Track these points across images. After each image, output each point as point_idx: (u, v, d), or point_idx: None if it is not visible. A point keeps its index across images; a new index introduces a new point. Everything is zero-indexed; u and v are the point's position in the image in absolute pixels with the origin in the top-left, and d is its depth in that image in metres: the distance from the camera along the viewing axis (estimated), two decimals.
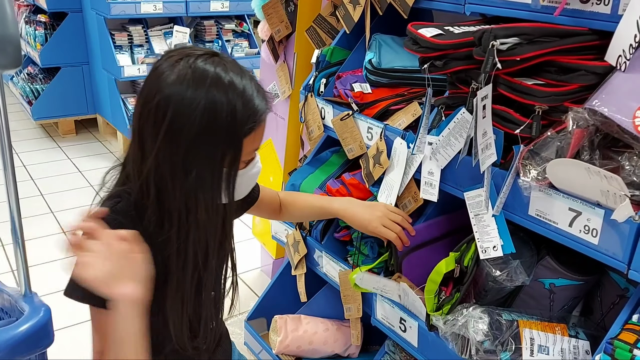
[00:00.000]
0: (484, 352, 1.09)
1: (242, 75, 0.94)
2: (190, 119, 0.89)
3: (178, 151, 0.91)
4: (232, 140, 0.92)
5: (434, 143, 1.24)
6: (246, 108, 0.92)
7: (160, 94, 0.90)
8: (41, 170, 3.85)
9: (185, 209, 0.94)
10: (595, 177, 0.90)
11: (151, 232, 0.96)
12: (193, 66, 0.91)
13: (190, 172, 0.92)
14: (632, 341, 0.88)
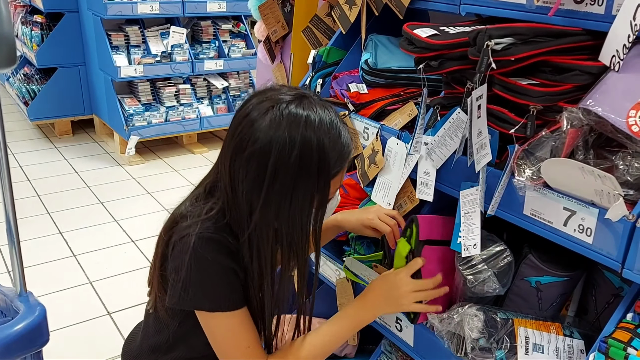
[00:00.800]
0: (479, 350, 1.09)
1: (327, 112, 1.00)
2: (285, 161, 0.95)
3: (275, 196, 0.97)
4: (320, 180, 0.98)
5: (429, 143, 1.25)
6: (334, 148, 0.98)
7: (257, 143, 0.96)
8: (37, 171, 3.85)
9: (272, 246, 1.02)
10: (589, 177, 0.91)
11: None
12: (285, 112, 0.97)
13: (283, 215, 0.98)
14: (626, 339, 0.88)
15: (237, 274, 1.04)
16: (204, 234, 1.01)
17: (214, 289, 1.03)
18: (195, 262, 1.01)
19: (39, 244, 2.86)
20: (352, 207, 1.55)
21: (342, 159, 1.01)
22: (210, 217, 1.04)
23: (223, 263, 1.02)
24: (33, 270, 2.59)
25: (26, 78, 4.55)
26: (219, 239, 1.02)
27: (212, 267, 1.01)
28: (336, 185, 1.04)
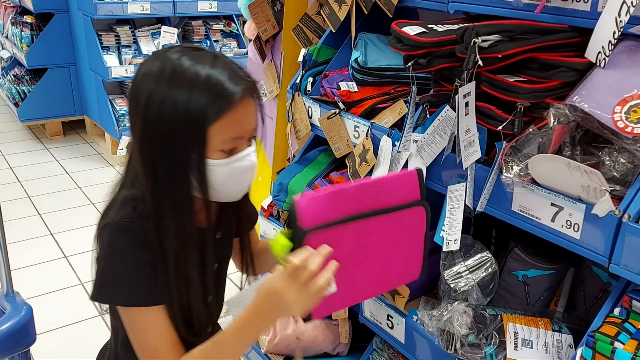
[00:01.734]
0: (469, 346, 1.09)
1: (214, 62, 0.93)
2: (151, 110, 0.91)
3: (145, 143, 0.93)
4: (192, 129, 0.91)
5: (419, 141, 1.25)
6: (210, 93, 0.91)
7: (133, 87, 0.95)
8: (28, 172, 3.82)
9: (160, 199, 0.95)
10: (576, 173, 0.92)
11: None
12: (161, 58, 0.94)
13: (155, 164, 0.93)
14: (612, 334, 0.89)
15: (154, 266, 0.97)
16: (118, 223, 0.96)
17: (128, 282, 0.97)
18: (110, 253, 0.97)
19: (30, 245, 2.84)
20: None
21: (220, 104, 0.92)
22: (128, 202, 0.99)
23: (137, 254, 0.96)
24: (24, 272, 2.57)
25: (16, 79, 4.52)
26: (134, 227, 0.96)
27: (126, 259, 0.96)
28: (229, 131, 0.93)
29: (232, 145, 0.95)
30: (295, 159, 1.85)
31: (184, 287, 1.01)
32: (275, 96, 2.13)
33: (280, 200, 1.74)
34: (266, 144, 2.30)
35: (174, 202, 0.96)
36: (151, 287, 0.98)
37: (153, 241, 0.97)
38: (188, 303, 1.03)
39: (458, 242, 1.15)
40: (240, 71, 0.96)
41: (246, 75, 0.97)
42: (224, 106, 0.92)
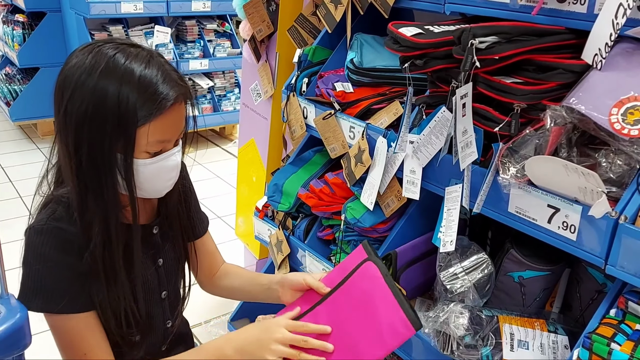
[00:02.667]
0: (465, 347, 1.09)
1: (149, 63, 0.92)
2: (79, 101, 0.89)
3: (71, 133, 0.91)
4: (121, 127, 0.90)
5: (415, 142, 1.25)
6: (141, 95, 0.90)
7: (61, 76, 0.92)
8: (20, 172, 3.79)
9: (85, 192, 0.94)
10: (573, 174, 0.92)
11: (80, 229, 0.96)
12: (95, 51, 0.92)
13: (82, 155, 0.91)
14: (609, 335, 0.89)
15: (74, 268, 0.95)
16: (35, 226, 0.96)
17: (46, 288, 0.95)
18: (29, 258, 0.96)
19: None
20: (338, 207, 1.55)
21: (151, 107, 0.91)
22: (48, 204, 0.99)
23: (56, 258, 0.94)
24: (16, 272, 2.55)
25: (8, 78, 4.49)
26: (52, 230, 0.94)
27: (45, 263, 0.95)
28: (156, 134, 0.93)
29: (159, 148, 0.96)
30: (290, 159, 1.85)
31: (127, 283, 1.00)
32: (269, 97, 2.13)
33: (275, 200, 1.73)
34: (260, 145, 2.29)
35: (99, 197, 0.95)
36: (72, 293, 0.96)
37: (77, 242, 0.95)
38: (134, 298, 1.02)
39: (454, 243, 1.15)
40: (174, 74, 0.95)
41: (179, 78, 0.96)
42: (155, 110, 0.91)
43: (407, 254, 1.41)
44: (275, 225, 1.78)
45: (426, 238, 1.44)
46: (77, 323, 0.98)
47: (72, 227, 0.96)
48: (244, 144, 2.42)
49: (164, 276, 1.13)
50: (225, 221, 3.18)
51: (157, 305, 1.12)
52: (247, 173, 2.46)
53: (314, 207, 1.60)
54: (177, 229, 1.15)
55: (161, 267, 1.12)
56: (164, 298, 1.14)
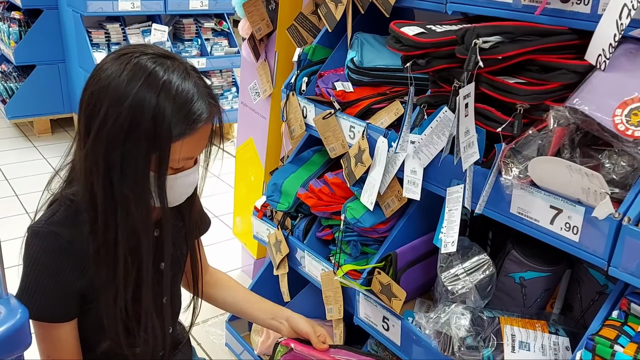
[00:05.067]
0: (467, 349, 1.09)
1: (186, 78, 0.91)
2: (116, 113, 0.88)
3: (103, 144, 0.90)
4: (157, 142, 0.89)
5: (416, 142, 1.25)
6: (178, 111, 0.89)
7: (96, 85, 0.90)
8: (16, 170, 3.77)
9: (112, 204, 0.93)
10: (576, 175, 0.91)
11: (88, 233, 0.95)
12: (133, 61, 0.90)
13: (114, 168, 0.91)
14: (612, 337, 0.89)
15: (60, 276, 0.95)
16: (33, 228, 0.95)
17: (36, 294, 0.95)
18: (25, 259, 0.96)
19: (19, 244, 2.80)
20: (338, 207, 1.54)
21: (185, 125, 0.91)
22: (51, 205, 0.98)
23: (45, 263, 0.94)
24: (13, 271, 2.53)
25: (4, 76, 4.46)
26: (48, 234, 0.93)
27: (33, 266, 0.95)
28: (184, 151, 0.93)
29: (183, 165, 0.97)
30: (289, 159, 1.84)
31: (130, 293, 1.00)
32: (268, 96, 2.12)
33: (274, 200, 1.72)
34: (259, 144, 2.28)
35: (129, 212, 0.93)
36: (51, 300, 0.96)
37: (72, 249, 0.94)
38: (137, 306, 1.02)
39: (455, 243, 1.15)
40: (206, 90, 0.95)
41: (210, 96, 0.95)
42: (188, 128, 0.91)
43: (407, 255, 1.40)
44: (274, 225, 1.77)
45: (426, 239, 1.43)
46: (49, 329, 0.98)
47: (69, 232, 0.95)
48: (242, 143, 2.41)
49: (166, 280, 1.12)
50: (223, 220, 3.17)
51: (157, 311, 1.11)
52: (245, 172, 2.46)
53: (314, 207, 1.60)
54: (187, 228, 1.14)
55: (163, 271, 1.11)
56: (165, 303, 1.13)
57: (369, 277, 1.43)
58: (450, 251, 1.15)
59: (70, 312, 0.99)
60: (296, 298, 1.84)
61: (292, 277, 1.76)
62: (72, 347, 1.01)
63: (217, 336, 2.22)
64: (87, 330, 1.04)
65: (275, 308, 1.26)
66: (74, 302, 0.99)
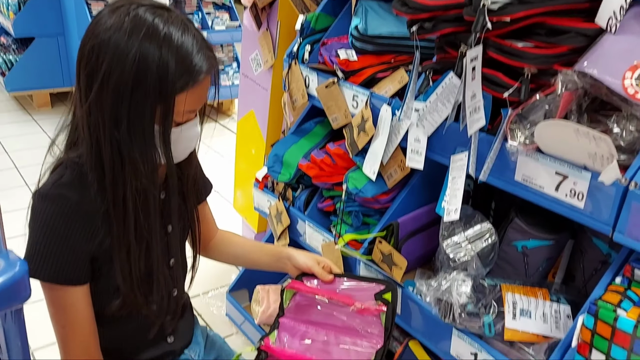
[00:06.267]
0: (467, 315, 1.09)
1: (185, 31, 0.90)
2: (120, 67, 0.87)
3: (108, 99, 0.89)
4: (161, 95, 0.89)
5: (420, 109, 1.23)
6: (180, 64, 0.89)
7: (95, 39, 0.89)
8: (15, 143, 3.75)
9: (120, 160, 0.93)
10: (583, 139, 0.90)
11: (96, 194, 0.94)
12: (132, 14, 0.89)
13: (120, 122, 0.90)
14: (615, 302, 0.88)
15: (71, 239, 0.94)
16: (40, 192, 0.94)
17: (46, 257, 0.94)
18: (32, 223, 0.95)
19: (19, 216, 2.79)
20: (339, 178, 1.53)
21: (188, 77, 0.90)
22: (58, 168, 0.97)
23: (55, 226, 0.93)
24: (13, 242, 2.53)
25: (3, 48, 4.41)
26: (56, 197, 0.92)
27: (43, 230, 0.94)
28: (188, 104, 0.93)
29: (186, 118, 0.96)
30: (291, 130, 1.82)
31: (143, 250, 1.00)
32: (270, 67, 2.09)
33: (275, 171, 1.71)
34: (260, 116, 2.26)
35: (137, 168, 0.93)
36: (63, 263, 0.95)
37: (80, 211, 0.94)
38: (148, 266, 1.02)
39: (458, 211, 1.14)
40: (205, 44, 0.94)
41: (209, 49, 0.95)
42: (190, 80, 0.91)
43: (408, 224, 1.40)
44: (275, 197, 1.77)
45: (428, 209, 1.42)
46: (63, 294, 0.97)
47: (77, 195, 0.94)
48: (243, 115, 2.39)
49: (172, 243, 1.12)
50: (223, 195, 3.16)
51: (164, 274, 1.11)
52: (246, 145, 2.44)
53: (315, 177, 1.58)
54: (188, 192, 1.14)
55: (170, 234, 1.11)
56: (171, 266, 1.13)
57: (370, 247, 1.42)
58: (453, 219, 1.14)
59: (82, 275, 0.98)
60: None
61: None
62: (86, 313, 1.00)
63: (217, 307, 2.23)
64: (97, 294, 1.03)
65: (277, 250, 1.28)
66: (86, 265, 0.98)
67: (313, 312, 1.12)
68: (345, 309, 1.09)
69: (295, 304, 1.15)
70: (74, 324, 0.99)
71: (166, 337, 1.16)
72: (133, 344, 1.11)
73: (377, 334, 1.05)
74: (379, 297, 1.09)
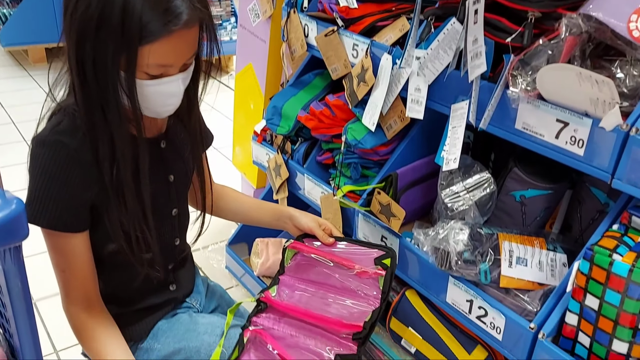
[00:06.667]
0: (464, 263, 1.10)
1: None
2: (85, 4, 0.84)
3: (74, 36, 0.86)
4: (124, 40, 0.84)
5: (422, 57, 1.21)
6: (151, 10, 0.83)
7: None
8: (12, 98, 3.72)
9: (90, 104, 0.90)
10: (585, 84, 0.89)
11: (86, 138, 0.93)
12: None
13: (85, 63, 0.87)
14: (611, 247, 0.89)
15: (70, 185, 0.93)
16: (39, 138, 0.93)
17: (40, 200, 0.93)
18: (32, 169, 0.94)
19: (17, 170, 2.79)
20: (338, 130, 1.52)
21: (158, 25, 0.84)
22: (55, 114, 0.96)
23: (53, 172, 0.92)
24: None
25: None
26: (54, 143, 0.91)
27: (42, 176, 0.93)
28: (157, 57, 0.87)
29: (158, 72, 0.90)
30: (290, 82, 1.80)
31: (136, 199, 0.98)
32: (268, 17, 2.05)
33: (274, 123, 1.70)
34: (258, 69, 2.23)
35: (104, 111, 0.91)
36: (62, 209, 0.94)
37: (78, 158, 0.93)
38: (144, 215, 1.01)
39: (457, 161, 1.13)
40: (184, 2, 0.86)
41: (199, 0, 0.88)
42: (162, 30, 0.84)
43: (407, 175, 1.39)
44: (273, 150, 1.76)
45: (428, 160, 1.42)
46: (62, 240, 0.97)
47: (75, 142, 0.92)
48: (241, 69, 2.36)
49: (174, 193, 1.12)
50: (222, 152, 3.15)
51: (167, 223, 1.12)
52: (244, 100, 2.41)
53: (314, 129, 1.57)
54: (190, 142, 1.12)
55: (172, 184, 1.10)
56: (174, 215, 1.13)
57: (368, 198, 1.43)
58: (452, 168, 1.14)
59: (81, 223, 0.98)
60: None
61: (291, 202, 1.76)
62: (86, 258, 1.01)
63: (217, 261, 2.25)
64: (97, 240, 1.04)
65: (278, 209, 1.27)
66: (84, 213, 0.98)
67: (313, 272, 1.13)
68: (345, 271, 1.10)
69: (296, 263, 1.16)
70: (74, 269, 1.00)
71: (168, 285, 1.17)
72: (136, 291, 1.12)
73: (374, 296, 1.06)
74: (378, 262, 1.09)
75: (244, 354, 1.03)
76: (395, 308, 1.41)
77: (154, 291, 1.15)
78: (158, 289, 1.16)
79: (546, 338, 1.00)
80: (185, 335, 1.12)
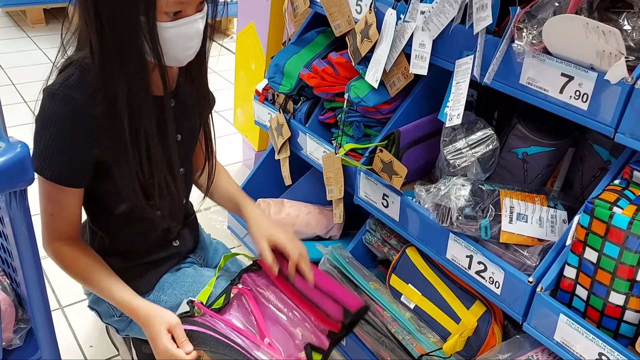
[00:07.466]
0: (464, 218, 1.10)
1: None
2: None
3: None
4: None
5: (426, 11, 1.19)
6: None
7: None
8: (11, 59, 3.68)
9: (108, 55, 0.90)
10: (592, 36, 0.88)
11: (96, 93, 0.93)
12: None
13: (102, 21, 0.86)
14: (612, 200, 0.89)
15: (75, 140, 0.94)
16: (48, 90, 0.93)
17: (43, 151, 0.94)
18: (39, 120, 0.95)
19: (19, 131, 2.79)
20: (341, 88, 1.51)
21: None
22: (66, 68, 0.95)
23: (60, 125, 0.92)
24: None
25: None
26: (63, 97, 0.91)
27: (48, 128, 0.93)
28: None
29: (178, 8, 0.90)
30: (293, 39, 1.77)
31: (145, 158, 0.99)
32: None
33: (276, 82, 1.69)
34: (259, 28, 2.20)
35: (125, 65, 0.90)
36: (63, 163, 0.95)
37: (85, 114, 0.92)
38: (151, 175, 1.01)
39: (461, 116, 1.13)
40: None
41: None
42: None
43: (410, 133, 1.39)
44: (275, 109, 1.75)
45: (430, 118, 1.41)
46: (60, 192, 0.98)
47: (84, 97, 0.92)
48: (242, 29, 2.32)
49: (182, 152, 1.12)
50: (224, 116, 3.14)
51: (174, 181, 1.10)
52: (245, 60, 2.39)
53: (316, 87, 1.56)
54: (199, 99, 1.11)
55: (180, 143, 1.10)
56: (181, 174, 1.13)
57: (370, 157, 1.43)
58: (455, 124, 1.13)
59: (83, 180, 0.99)
60: (297, 183, 1.86)
61: (293, 162, 1.77)
62: (76, 210, 1.03)
63: (219, 222, 2.27)
64: (106, 195, 1.05)
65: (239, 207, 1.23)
66: (89, 169, 0.98)
67: None
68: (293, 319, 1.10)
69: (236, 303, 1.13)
70: (63, 214, 1.01)
71: (172, 240, 1.19)
72: (142, 245, 1.14)
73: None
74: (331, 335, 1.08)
75: (227, 307, 1.06)
76: (395, 265, 1.43)
77: (158, 246, 1.17)
78: (162, 244, 1.17)
79: (544, 292, 1.02)
80: (191, 287, 1.14)
